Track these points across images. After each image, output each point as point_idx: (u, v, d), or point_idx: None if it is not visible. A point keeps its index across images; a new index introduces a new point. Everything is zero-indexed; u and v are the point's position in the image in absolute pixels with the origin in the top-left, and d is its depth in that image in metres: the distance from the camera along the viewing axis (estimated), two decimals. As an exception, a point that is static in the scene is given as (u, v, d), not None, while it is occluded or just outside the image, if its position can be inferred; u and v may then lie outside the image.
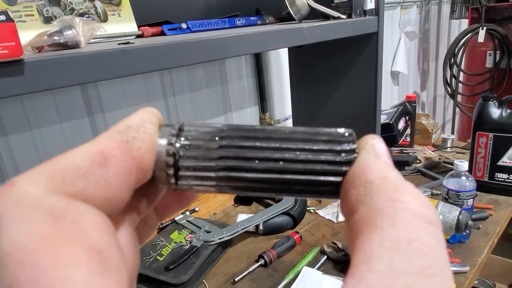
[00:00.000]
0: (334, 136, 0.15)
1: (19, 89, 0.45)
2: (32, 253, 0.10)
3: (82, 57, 0.50)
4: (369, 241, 0.11)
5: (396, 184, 0.12)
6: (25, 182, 0.12)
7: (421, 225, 0.11)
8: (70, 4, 0.73)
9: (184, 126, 0.15)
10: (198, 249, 0.93)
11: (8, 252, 0.10)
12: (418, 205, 0.12)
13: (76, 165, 0.12)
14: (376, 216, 0.12)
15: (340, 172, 0.14)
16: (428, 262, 0.10)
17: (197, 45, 0.63)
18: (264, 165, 0.14)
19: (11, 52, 0.43)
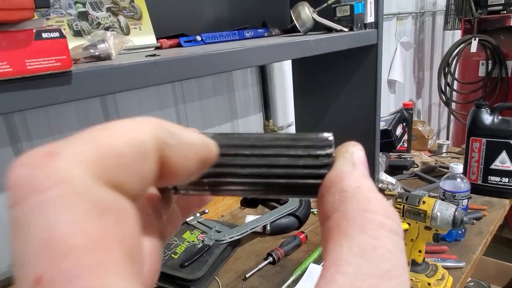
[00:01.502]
0: (313, 142, 0.15)
1: (67, 97, 0.51)
2: (74, 249, 0.09)
3: (120, 68, 0.56)
4: (340, 246, 0.12)
5: (368, 196, 0.13)
6: (67, 157, 0.10)
7: (386, 234, 0.12)
8: (96, 19, 0.80)
9: None
10: (211, 247, 0.98)
11: (45, 241, 0.09)
12: (385, 216, 0.13)
13: (120, 152, 0.11)
14: (348, 224, 0.13)
15: (318, 175, 0.15)
16: (390, 266, 0.12)
17: (216, 57, 0.69)
18: (249, 171, 0.15)
19: (62, 64, 0.49)
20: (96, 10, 0.79)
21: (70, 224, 0.09)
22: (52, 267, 0.09)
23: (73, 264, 0.09)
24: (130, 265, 0.10)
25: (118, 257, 0.10)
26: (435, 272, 0.81)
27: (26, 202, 0.10)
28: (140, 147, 0.12)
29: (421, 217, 0.77)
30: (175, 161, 0.13)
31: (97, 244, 0.10)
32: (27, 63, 0.46)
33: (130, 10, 0.85)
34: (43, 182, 0.10)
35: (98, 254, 0.09)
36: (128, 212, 0.11)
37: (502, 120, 1.19)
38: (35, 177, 0.10)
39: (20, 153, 0.87)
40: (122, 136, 0.12)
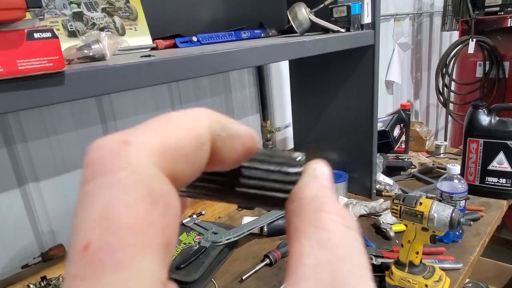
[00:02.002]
0: (286, 159, 0.17)
1: (61, 98, 0.51)
2: (121, 228, 0.10)
3: (114, 69, 0.56)
4: (300, 244, 0.14)
5: (323, 200, 0.15)
6: (138, 148, 0.12)
7: (338, 227, 0.14)
8: (91, 20, 0.79)
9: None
10: (207, 249, 0.98)
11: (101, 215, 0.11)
12: (337, 214, 0.14)
13: (182, 144, 0.12)
14: (304, 224, 0.14)
15: (286, 190, 0.17)
16: (344, 252, 0.13)
17: (212, 57, 0.69)
18: (224, 179, 0.17)
19: (55, 65, 0.49)
20: (91, 10, 0.79)
21: (125, 206, 0.11)
22: (100, 238, 0.10)
23: (117, 240, 0.10)
24: (163, 254, 0.11)
25: (156, 244, 0.11)
26: (433, 274, 0.81)
27: (96, 180, 0.11)
28: (198, 139, 0.13)
29: (418, 219, 0.76)
30: (224, 151, 0.14)
31: (143, 228, 0.11)
32: (19, 63, 0.45)
33: (125, 11, 0.84)
34: (114, 166, 0.11)
35: (141, 237, 0.11)
36: (174, 206, 0.12)
37: (499, 121, 1.19)
38: (108, 160, 0.11)
39: (14, 155, 0.86)
40: (183, 128, 0.13)
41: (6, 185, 0.89)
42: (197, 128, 0.13)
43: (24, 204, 0.92)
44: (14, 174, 0.89)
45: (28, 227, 0.93)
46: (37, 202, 0.94)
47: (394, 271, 0.83)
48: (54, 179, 0.96)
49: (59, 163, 0.97)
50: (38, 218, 0.94)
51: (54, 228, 0.97)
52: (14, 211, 0.90)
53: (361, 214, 1.19)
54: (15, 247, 0.91)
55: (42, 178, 0.94)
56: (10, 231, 0.90)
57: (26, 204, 0.92)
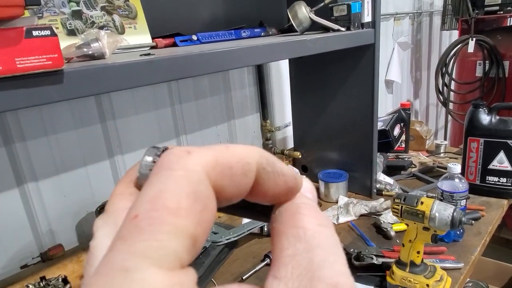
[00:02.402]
0: None
1: (60, 96, 0.50)
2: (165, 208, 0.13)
3: (113, 67, 0.55)
4: (280, 241, 0.15)
5: (299, 205, 0.17)
6: (195, 158, 0.14)
7: (314, 224, 0.16)
8: (90, 18, 0.78)
9: (166, 149, 0.18)
10: (207, 249, 0.97)
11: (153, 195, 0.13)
12: (312, 215, 0.16)
13: (230, 164, 0.15)
14: (283, 226, 0.16)
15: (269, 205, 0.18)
16: (319, 241, 0.15)
17: (212, 56, 0.68)
18: None
19: (54, 63, 0.48)
20: (90, 9, 0.78)
21: (173, 195, 0.13)
22: (147, 212, 0.13)
23: (159, 216, 0.12)
24: (190, 244, 0.13)
25: (187, 232, 0.13)
26: (434, 273, 0.80)
27: (159, 173, 0.14)
28: (245, 165, 0.15)
29: (419, 218, 0.76)
30: (267, 184, 0.16)
31: (182, 214, 0.13)
32: (17, 61, 0.45)
33: (125, 9, 0.84)
34: (175, 165, 0.14)
35: (178, 221, 0.13)
36: (211, 210, 0.14)
37: (499, 120, 1.19)
38: (173, 161, 0.14)
39: (13, 155, 0.85)
40: (236, 155, 0.15)
41: (5, 185, 0.88)
42: (247, 157, 0.15)
43: (23, 204, 0.91)
44: (13, 174, 0.89)
45: (27, 227, 0.93)
46: (36, 202, 0.93)
47: (395, 271, 0.83)
48: (53, 178, 0.96)
49: (58, 163, 0.96)
50: (37, 218, 0.94)
51: (53, 228, 0.97)
52: (13, 211, 0.90)
53: (362, 214, 1.19)
54: (14, 247, 0.91)
55: (41, 177, 0.93)
56: (9, 231, 0.90)
57: (25, 204, 0.92)
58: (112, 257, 0.12)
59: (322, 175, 1.32)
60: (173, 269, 0.12)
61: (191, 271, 0.13)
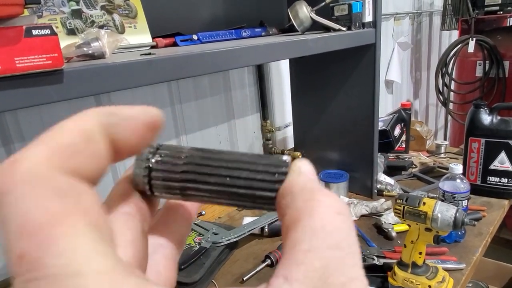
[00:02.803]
0: (272, 161, 0.18)
1: (59, 96, 0.50)
2: (42, 226, 0.11)
3: (113, 67, 0.55)
4: (294, 232, 0.14)
5: (312, 189, 0.16)
6: (27, 159, 0.13)
7: (332, 214, 0.14)
8: (90, 17, 0.78)
9: (161, 146, 0.19)
10: (207, 250, 0.97)
11: (20, 225, 0.11)
12: (329, 201, 0.15)
13: (67, 142, 0.13)
14: (298, 213, 0.14)
15: (273, 188, 0.17)
16: (338, 239, 0.14)
17: (213, 55, 0.68)
18: (215, 179, 0.18)
19: (54, 62, 0.48)
20: (90, 8, 0.78)
21: (35, 208, 0.12)
22: (28, 243, 0.11)
23: (44, 237, 0.11)
24: (95, 232, 0.12)
25: (83, 226, 0.12)
26: (436, 274, 0.80)
27: (1, 202, 0.12)
28: (85, 133, 0.14)
29: (421, 219, 0.76)
30: (123, 135, 0.15)
31: (61, 218, 0.12)
32: (17, 61, 0.44)
33: (125, 9, 0.83)
34: (8, 184, 0.12)
35: (64, 225, 0.12)
36: (87, 192, 0.13)
37: (501, 120, 1.18)
38: (2, 183, 0.12)
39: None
40: (69, 129, 0.14)
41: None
42: (82, 124, 0.14)
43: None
44: (12, 174, 0.88)
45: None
46: (35, 203, 0.92)
47: (397, 272, 0.82)
48: (53, 179, 0.95)
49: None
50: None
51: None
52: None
53: (362, 214, 1.18)
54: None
55: (40, 178, 0.93)
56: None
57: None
58: None
59: (322, 176, 1.32)
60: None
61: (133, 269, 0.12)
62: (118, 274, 0.12)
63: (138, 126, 0.16)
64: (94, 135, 0.14)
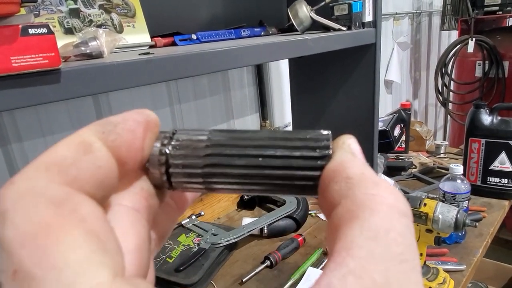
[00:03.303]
0: (310, 135, 0.16)
1: (56, 96, 0.49)
2: (34, 236, 0.11)
3: (111, 66, 0.54)
4: (351, 230, 0.12)
5: (374, 180, 0.13)
6: (23, 177, 0.13)
7: (397, 217, 0.12)
8: (88, 16, 0.77)
9: (177, 130, 0.17)
10: (206, 251, 0.96)
11: (12, 238, 0.11)
12: (394, 199, 0.13)
13: (64, 155, 0.13)
14: (358, 208, 0.12)
15: (316, 166, 0.15)
16: (401, 249, 0.12)
17: (213, 55, 0.67)
18: (245, 161, 0.15)
19: (50, 62, 0.47)
20: (88, 7, 0.77)
21: (30, 219, 0.11)
22: (20, 257, 0.11)
23: (36, 248, 0.11)
24: (93, 241, 0.11)
25: (79, 235, 0.11)
26: (436, 276, 0.79)
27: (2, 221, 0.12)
28: (82, 144, 0.14)
29: (422, 220, 0.75)
30: (123, 139, 0.15)
31: (55, 228, 0.11)
32: (13, 60, 0.43)
33: (123, 8, 0.83)
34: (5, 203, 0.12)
35: (58, 235, 0.11)
36: (85, 201, 0.13)
37: (501, 120, 1.18)
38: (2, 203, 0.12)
39: (9, 155, 0.83)
40: (66, 143, 0.14)
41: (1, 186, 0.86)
42: (78, 137, 0.14)
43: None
44: (9, 175, 0.87)
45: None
46: (33, 203, 0.92)
47: (397, 273, 0.81)
48: (50, 179, 0.94)
49: (55, 164, 0.95)
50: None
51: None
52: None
53: (362, 215, 1.18)
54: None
55: (38, 178, 0.92)
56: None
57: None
58: None
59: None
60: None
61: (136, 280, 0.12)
62: (115, 286, 0.11)
63: (133, 126, 0.15)
64: (93, 145, 0.14)
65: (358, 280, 0.11)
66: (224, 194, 1.24)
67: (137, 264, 0.14)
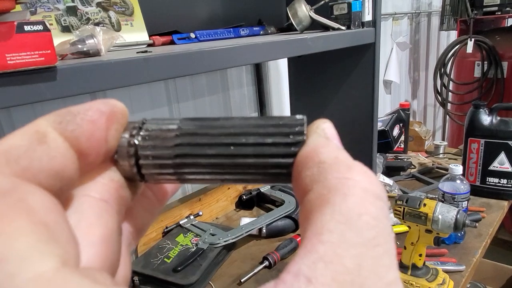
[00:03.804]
0: (284, 121, 0.15)
1: (53, 94, 0.48)
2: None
3: (109, 64, 0.54)
4: (322, 215, 0.11)
5: (348, 163, 0.13)
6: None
7: (370, 200, 0.12)
8: (86, 14, 0.76)
9: (147, 120, 0.16)
10: (204, 251, 0.95)
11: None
12: (368, 182, 0.12)
13: (16, 145, 0.13)
14: (329, 192, 0.12)
15: (289, 153, 0.14)
16: (375, 233, 0.11)
17: (212, 54, 0.67)
18: (216, 150, 0.15)
19: (47, 59, 0.46)
20: (85, 5, 0.76)
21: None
22: None
23: None
24: (41, 231, 0.11)
25: (24, 224, 0.11)
26: (436, 277, 0.79)
27: None
28: (36, 134, 0.13)
29: (422, 220, 0.75)
30: (82, 130, 0.14)
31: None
32: (8, 57, 0.43)
33: (121, 6, 0.82)
34: None
35: (2, 224, 0.10)
36: (35, 191, 0.12)
37: (500, 120, 1.18)
38: None
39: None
40: (20, 133, 0.13)
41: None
42: (34, 126, 0.13)
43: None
44: (6, 174, 0.86)
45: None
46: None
47: (396, 274, 0.81)
48: (47, 179, 0.93)
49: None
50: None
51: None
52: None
53: (361, 215, 1.17)
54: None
55: (34, 178, 0.91)
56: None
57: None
58: None
59: (321, 176, 1.30)
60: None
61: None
62: (60, 275, 0.10)
63: (94, 116, 0.14)
64: (48, 135, 0.13)
65: (328, 265, 0.10)
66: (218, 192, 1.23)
67: (103, 256, 0.14)
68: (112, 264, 0.14)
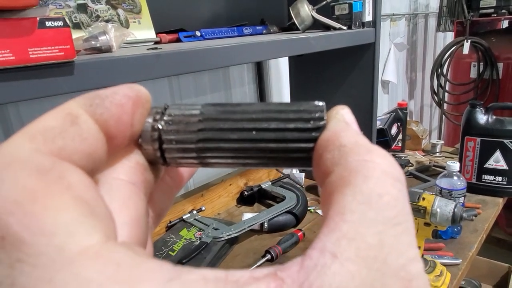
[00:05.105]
0: (304, 107, 0.15)
1: (69, 88, 0.50)
2: (21, 203, 0.11)
3: (122, 60, 0.56)
4: (343, 196, 0.12)
5: (367, 147, 0.13)
6: (8, 147, 0.12)
7: (390, 181, 0.12)
8: (95, 12, 0.78)
9: (169, 106, 0.16)
10: (208, 245, 0.98)
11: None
12: (387, 164, 0.13)
13: (51, 125, 0.13)
14: (350, 174, 0.12)
15: (309, 138, 0.15)
16: (395, 213, 0.12)
17: (219, 51, 0.69)
18: (238, 135, 0.15)
19: (66, 54, 0.48)
20: (95, 2, 0.78)
21: (16, 187, 0.11)
22: (7, 224, 0.10)
23: (23, 214, 0.10)
24: (82, 206, 0.11)
25: (66, 200, 0.11)
26: (434, 269, 0.81)
27: None
28: (69, 116, 0.13)
29: (421, 214, 0.77)
30: (110, 113, 0.14)
31: (41, 194, 0.11)
32: (30, 51, 0.45)
33: (129, 4, 0.84)
34: None
35: (44, 201, 0.11)
36: (72, 169, 0.12)
37: (496, 119, 1.21)
38: None
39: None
40: (53, 114, 0.13)
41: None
42: (65, 109, 0.14)
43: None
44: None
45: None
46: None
47: (395, 266, 0.83)
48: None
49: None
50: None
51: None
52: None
53: (360, 211, 1.20)
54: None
55: (42, 172, 0.93)
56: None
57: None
58: None
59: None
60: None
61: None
62: (106, 248, 0.11)
63: (122, 100, 0.15)
64: (79, 117, 0.14)
65: (351, 242, 0.11)
66: (220, 188, 1.25)
67: (134, 237, 0.14)
68: (140, 246, 0.15)
